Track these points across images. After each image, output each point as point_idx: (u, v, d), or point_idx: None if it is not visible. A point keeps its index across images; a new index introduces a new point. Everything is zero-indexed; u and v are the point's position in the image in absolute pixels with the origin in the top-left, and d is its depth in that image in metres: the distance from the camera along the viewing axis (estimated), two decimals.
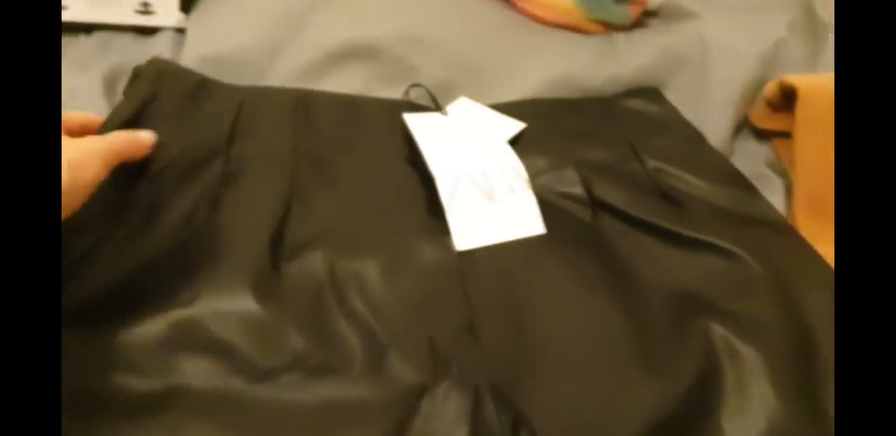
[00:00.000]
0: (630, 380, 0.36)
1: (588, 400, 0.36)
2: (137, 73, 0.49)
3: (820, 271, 0.43)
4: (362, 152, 0.48)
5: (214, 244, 0.41)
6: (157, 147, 0.45)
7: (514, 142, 0.49)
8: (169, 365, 0.35)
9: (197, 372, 0.35)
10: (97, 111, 0.47)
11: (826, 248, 0.45)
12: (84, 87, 0.50)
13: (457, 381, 0.36)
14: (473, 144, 0.47)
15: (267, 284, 0.39)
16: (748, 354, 0.38)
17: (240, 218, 0.42)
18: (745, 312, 0.39)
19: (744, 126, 0.56)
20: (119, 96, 0.50)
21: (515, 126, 0.49)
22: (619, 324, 0.39)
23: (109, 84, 0.51)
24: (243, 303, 0.38)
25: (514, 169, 0.46)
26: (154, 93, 0.48)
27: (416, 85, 0.51)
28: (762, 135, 0.56)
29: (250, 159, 0.45)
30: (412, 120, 0.48)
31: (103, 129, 0.45)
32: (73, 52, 0.53)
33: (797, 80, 0.50)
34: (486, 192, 0.44)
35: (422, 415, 0.35)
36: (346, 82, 0.52)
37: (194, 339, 0.36)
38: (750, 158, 0.54)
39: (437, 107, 0.50)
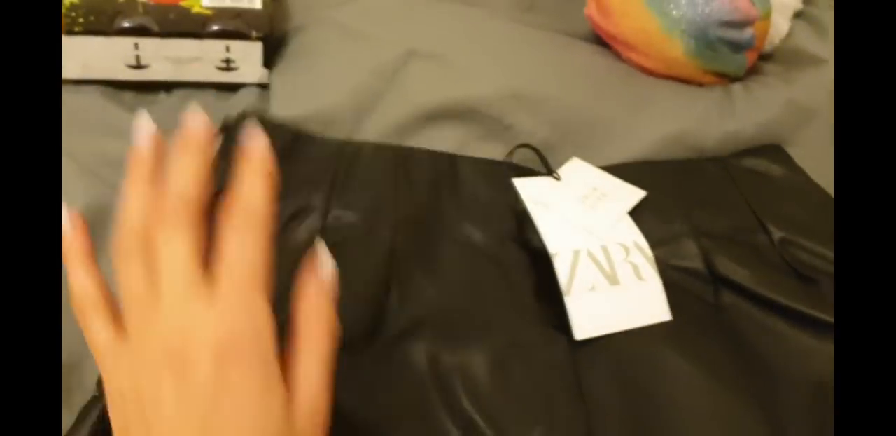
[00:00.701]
0: None
1: None
2: (228, 126, 0.47)
3: None
4: (462, 222, 0.44)
5: None
6: None
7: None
8: None
9: None
10: None
11: None
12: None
13: None
14: (592, 215, 0.43)
15: (367, 378, 0.36)
16: None
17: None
18: None
19: None
20: None
21: (636, 194, 0.45)
22: (753, 423, 0.35)
23: None
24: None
25: (638, 247, 0.42)
26: None
27: (522, 145, 0.47)
28: None
29: (349, 226, 0.43)
30: (522, 185, 0.45)
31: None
32: (155, 109, 0.51)
33: None
34: (608, 274, 0.41)
35: None
36: (440, 144, 0.48)
37: None
38: None
39: (548, 170, 0.46)
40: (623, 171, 0.47)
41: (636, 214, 0.44)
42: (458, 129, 0.49)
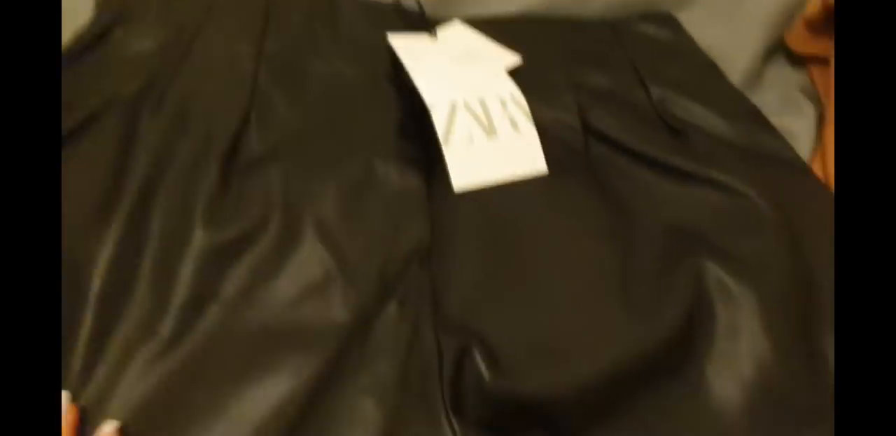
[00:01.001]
0: (608, 316, 0.35)
1: (558, 328, 0.35)
2: None
3: (829, 213, 0.41)
4: (337, 57, 0.45)
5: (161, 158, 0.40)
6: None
7: None
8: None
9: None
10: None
11: None
12: None
13: (399, 310, 0.35)
14: (469, 70, 0.44)
15: (216, 204, 0.38)
16: (743, 296, 0.37)
17: (192, 127, 0.41)
18: (745, 253, 0.38)
19: (778, 49, 0.53)
20: None
21: (510, 58, 0.45)
22: (604, 256, 0.38)
23: None
24: (193, 231, 0.37)
25: (514, 100, 0.42)
26: (124, 8, 0.47)
27: None
28: (798, 60, 0.52)
29: (211, 60, 0.44)
30: (398, 42, 0.45)
31: (69, 47, 0.45)
32: None
33: None
34: (485, 126, 0.41)
35: (361, 343, 0.35)
36: None
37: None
38: (782, 84, 0.51)
39: (424, 22, 0.46)
40: (511, 25, 0.48)
41: (516, 68, 0.45)
42: None
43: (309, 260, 0.37)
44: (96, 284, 0.35)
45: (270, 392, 0.33)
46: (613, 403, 0.34)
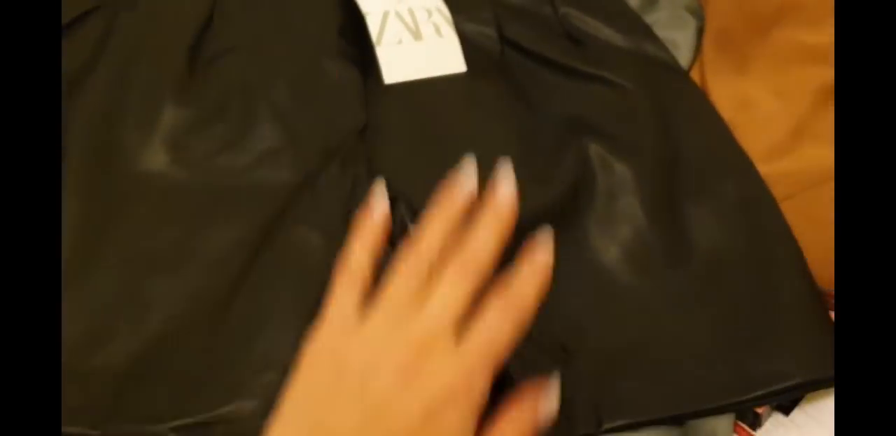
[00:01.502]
0: None
1: None
2: None
3: (698, 106, 0.50)
4: None
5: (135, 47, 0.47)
6: None
7: None
8: None
9: None
10: None
11: (727, 80, 0.52)
12: None
13: (341, 170, 0.43)
14: None
15: (184, 87, 0.45)
16: (620, 169, 0.45)
17: (162, 25, 0.48)
18: (623, 135, 0.46)
19: None
20: None
21: None
22: (509, 137, 0.46)
23: None
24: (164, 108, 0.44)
25: (439, 11, 0.50)
26: None
27: None
28: None
29: None
30: None
31: None
32: None
33: None
34: (413, 31, 0.49)
35: (308, 194, 0.42)
36: None
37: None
38: (672, 4, 0.58)
39: None
40: None
41: None
42: None
43: (263, 135, 0.44)
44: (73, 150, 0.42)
45: (230, 233, 0.41)
46: (510, 249, 0.42)
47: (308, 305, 0.38)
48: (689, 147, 0.47)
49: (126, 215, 0.42)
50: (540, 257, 0.32)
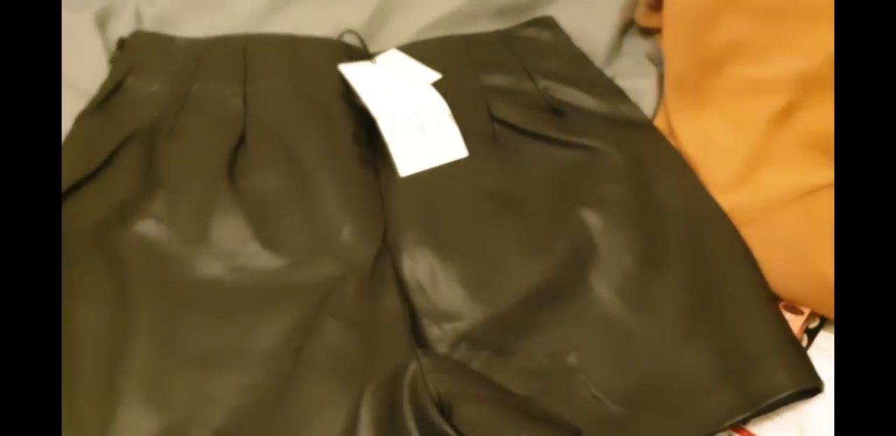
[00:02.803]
0: (511, 259, 0.51)
1: (474, 276, 0.51)
2: (121, 45, 0.63)
3: (669, 157, 0.58)
4: (303, 84, 0.60)
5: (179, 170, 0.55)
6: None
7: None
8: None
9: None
10: (92, 47, 0.62)
11: (688, 119, 0.60)
12: (80, 26, 0.63)
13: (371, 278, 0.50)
14: (403, 87, 0.59)
15: (226, 199, 0.53)
16: (608, 225, 0.52)
17: (201, 148, 0.56)
18: (607, 195, 0.54)
19: (631, 26, 0.69)
20: (109, 35, 0.64)
21: (433, 75, 0.62)
22: (505, 214, 0.54)
23: (101, 22, 0.64)
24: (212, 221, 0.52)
25: (438, 106, 0.58)
26: (134, 62, 0.61)
27: (349, 31, 0.63)
28: (647, 32, 0.68)
29: (208, 98, 0.59)
30: (347, 70, 0.60)
31: (96, 96, 0.59)
32: None
33: None
34: (419, 126, 0.58)
35: (342, 292, 0.49)
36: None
37: None
38: (635, 52, 0.67)
39: (366, 53, 0.62)
40: (428, 44, 0.64)
41: (439, 81, 0.61)
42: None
43: (298, 238, 0.52)
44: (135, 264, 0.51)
45: (277, 329, 0.47)
46: (525, 323, 0.49)
47: (348, 397, 0.45)
48: (665, 194, 0.55)
49: (190, 319, 0.48)
50: None
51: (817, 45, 0.54)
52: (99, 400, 0.44)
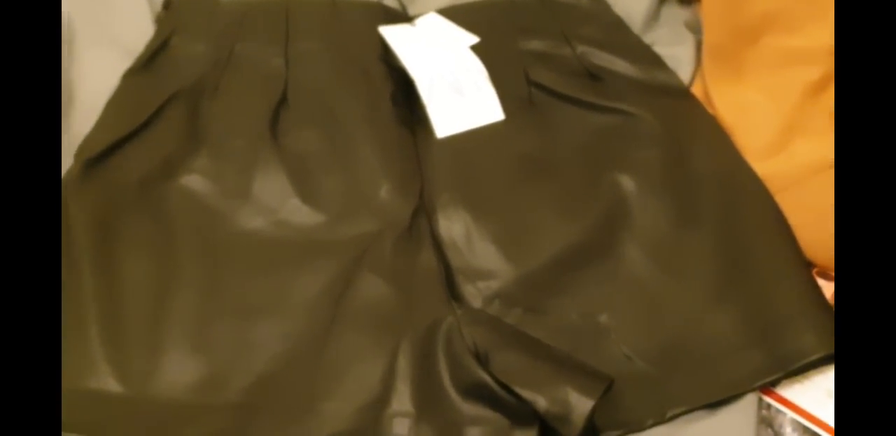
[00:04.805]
0: (545, 221, 0.52)
1: (507, 237, 0.52)
2: (167, 6, 0.64)
3: (706, 124, 0.58)
4: (344, 47, 0.61)
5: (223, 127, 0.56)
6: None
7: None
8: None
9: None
10: (138, 7, 0.63)
11: (725, 87, 0.60)
12: None
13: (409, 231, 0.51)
14: (442, 50, 0.60)
15: (269, 156, 0.55)
16: (641, 190, 0.53)
17: (245, 106, 0.57)
18: (641, 160, 0.54)
19: None
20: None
21: (471, 39, 0.62)
22: (539, 177, 0.54)
23: None
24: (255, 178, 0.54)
25: (476, 68, 0.59)
26: (178, 22, 0.62)
27: None
28: (685, 0, 0.68)
29: (250, 58, 0.60)
30: (387, 32, 0.61)
31: (142, 55, 0.60)
32: None
33: None
34: (457, 88, 0.58)
35: (374, 253, 0.50)
36: None
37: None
38: (672, 21, 0.67)
39: (406, 16, 0.62)
40: (467, 8, 0.64)
41: (477, 45, 0.61)
42: None
43: (333, 189, 0.53)
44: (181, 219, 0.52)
45: (316, 282, 0.49)
46: (558, 283, 0.50)
47: (386, 347, 0.46)
48: (699, 161, 0.55)
49: (232, 270, 0.50)
50: None
51: None
52: (144, 345, 0.46)
